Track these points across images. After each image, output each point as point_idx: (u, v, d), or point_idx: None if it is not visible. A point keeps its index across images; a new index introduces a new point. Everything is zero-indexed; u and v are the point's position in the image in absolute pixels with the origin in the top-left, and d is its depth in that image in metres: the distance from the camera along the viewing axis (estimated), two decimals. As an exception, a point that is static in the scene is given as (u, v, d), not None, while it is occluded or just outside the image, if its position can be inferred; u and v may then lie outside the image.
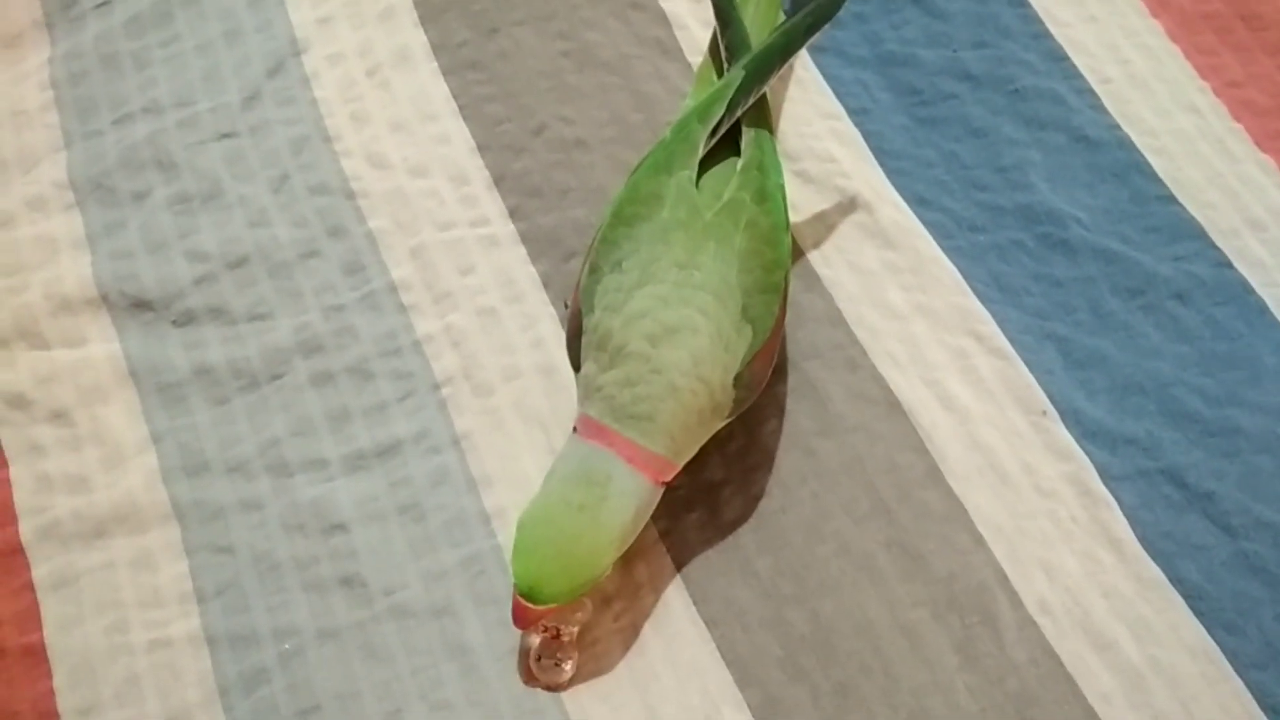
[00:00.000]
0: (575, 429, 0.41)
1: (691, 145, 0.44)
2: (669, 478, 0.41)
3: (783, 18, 0.49)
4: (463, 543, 0.44)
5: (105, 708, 0.42)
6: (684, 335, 0.41)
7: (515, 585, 0.39)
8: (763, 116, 0.47)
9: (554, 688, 0.41)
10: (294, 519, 0.45)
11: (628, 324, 0.41)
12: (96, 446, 0.46)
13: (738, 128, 0.46)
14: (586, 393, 0.41)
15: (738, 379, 0.42)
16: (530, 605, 0.39)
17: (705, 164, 0.44)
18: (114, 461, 0.46)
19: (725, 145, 0.45)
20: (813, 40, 0.48)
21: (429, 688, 0.42)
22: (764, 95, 0.47)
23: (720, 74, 0.48)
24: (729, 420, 0.43)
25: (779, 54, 0.47)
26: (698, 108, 0.46)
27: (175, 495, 0.45)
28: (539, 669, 0.41)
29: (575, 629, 0.42)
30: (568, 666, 0.41)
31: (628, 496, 0.40)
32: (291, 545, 0.44)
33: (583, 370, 0.42)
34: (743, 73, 0.46)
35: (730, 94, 0.45)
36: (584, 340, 0.42)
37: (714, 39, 0.50)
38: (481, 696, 0.41)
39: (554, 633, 0.41)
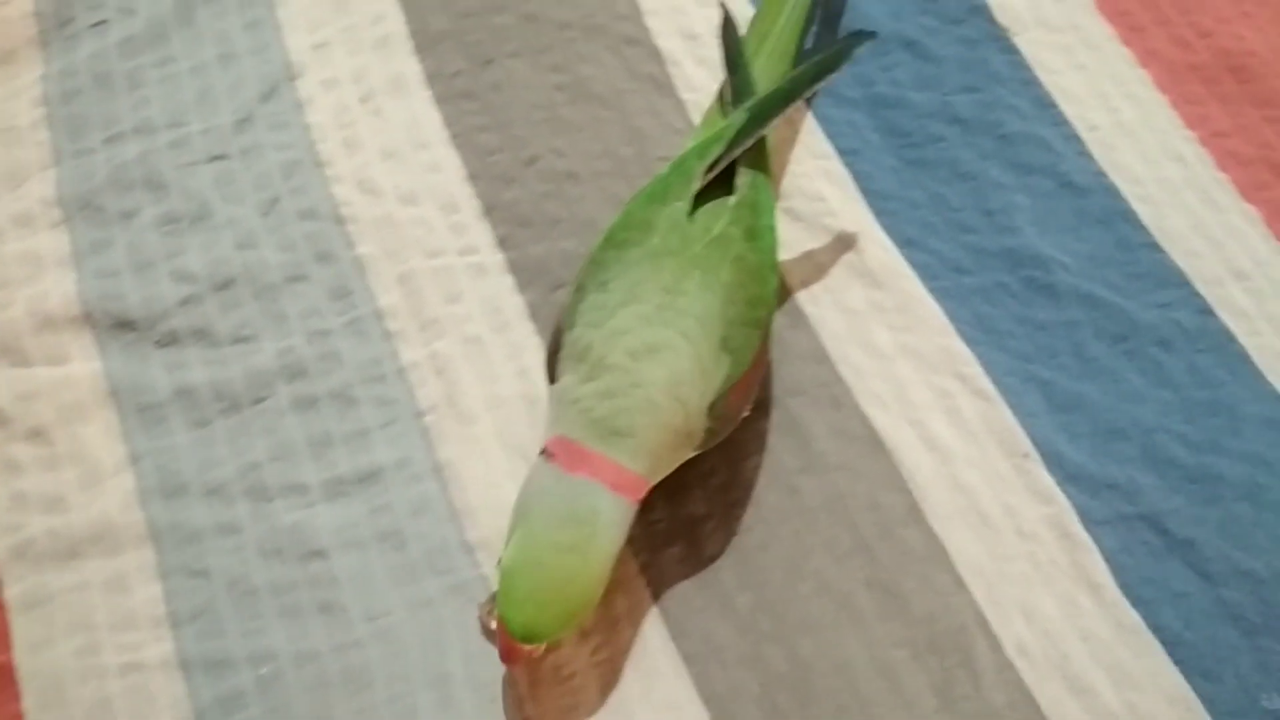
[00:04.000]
0: (548, 452, 0.40)
1: (687, 178, 0.45)
2: (643, 495, 0.41)
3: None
4: (445, 572, 0.44)
5: (74, 731, 0.41)
6: (665, 354, 0.41)
7: (508, 629, 0.39)
8: (761, 160, 0.47)
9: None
10: (272, 544, 0.44)
11: (609, 338, 0.41)
12: (74, 466, 0.46)
13: (735, 169, 0.46)
14: (562, 407, 0.41)
15: (712, 408, 0.42)
16: (524, 646, 0.39)
17: (701, 201, 0.45)
18: (91, 481, 0.46)
19: (722, 186, 0.45)
20: (817, 90, 0.49)
21: (404, 717, 0.41)
22: (764, 140, 0.47)
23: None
24: (698, 452, 0.43)
25: (782, 99, 0.47)
26: (697, 145, 0.47)
27: (152, 517, 0.45)
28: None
29: None
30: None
31: (614, 526, 0.39)
32: (269, 571, 0.44)
33: (559, 383, 0.42)
34: (745, 115, 0.47)
35: (730, 134, 0.46)
36: (562, 354, 0.42)
37: (722, 85, 0.50)
38: (456, 728, 0.41)
39: None
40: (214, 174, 0.53)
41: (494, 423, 0.47)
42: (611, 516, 0.39)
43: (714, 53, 0.56)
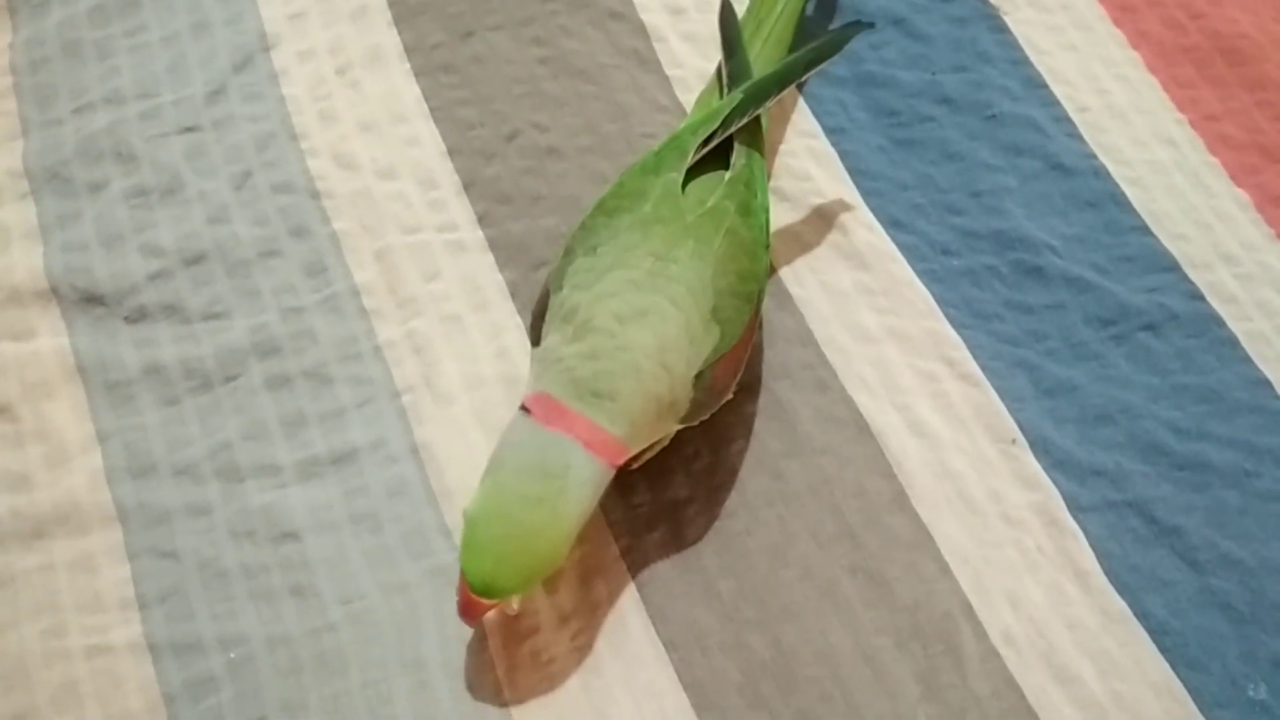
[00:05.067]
0: (525, 408, 0.40)
1: (681, 152, 0.45)
2: (622, 461, 0.40)
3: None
4: (423, 555, 0.43)
5: (41, 713, 0.40)
6: (652, 319, 0.40)
7: (466, 580, 0.38)
8: (755, 139, 0.47)
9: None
10: (243, 525, 0.43)
11: (597, 301, 0.40)
12: (40, 444, 0.45)
13: (730, 149, 0.45)
14: (544, 366, 0.40)
15: (699, 378, 0.41)
16: (482, 600, 0.38)
17: (696, 177, 0.44)
18: (57, 460, 0.45)
19: (717, 164, 0.45)
20: (812, 74, 0.49)
21: (378, 703, 0.40)
22: (758, 120, 0.47)
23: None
24: (682, 425, 0.42)
25: (777, 82, 0.47)
26: (692, 123, 0.46)
27: (119, 497, 0.44)
28: None
29: None
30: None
31: (585, 485, 0.39)
32: (240, 552, 0.43)
33: (543, 343, 0.41)
34: (741, 95, 0.46)
35: (726, 113, 0.46)
36: (548, 315, 0.41)
37: (718, 69, 0.49)
38: (430, 714, 0.40)
39: None
40: (185, 146, 0.52)
41: (473, 403, 0.46)
42: (583, 474, 0.39)
43: (700, 28, 0.55)
